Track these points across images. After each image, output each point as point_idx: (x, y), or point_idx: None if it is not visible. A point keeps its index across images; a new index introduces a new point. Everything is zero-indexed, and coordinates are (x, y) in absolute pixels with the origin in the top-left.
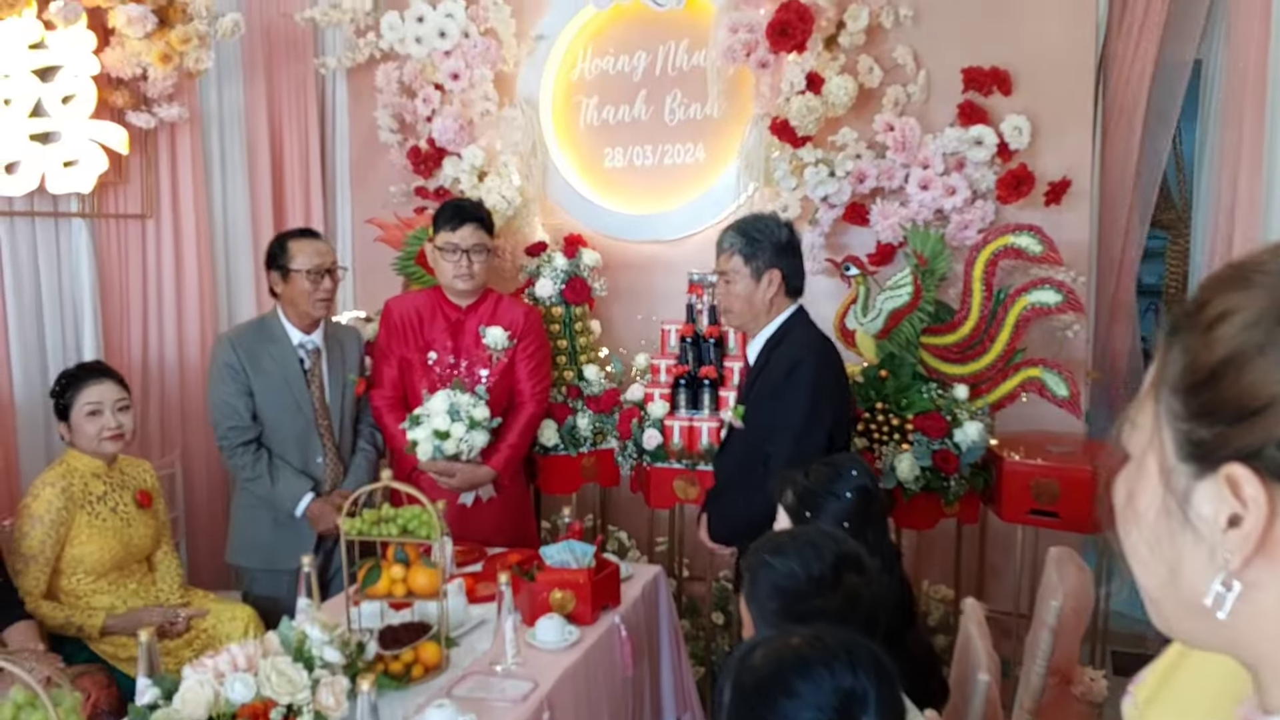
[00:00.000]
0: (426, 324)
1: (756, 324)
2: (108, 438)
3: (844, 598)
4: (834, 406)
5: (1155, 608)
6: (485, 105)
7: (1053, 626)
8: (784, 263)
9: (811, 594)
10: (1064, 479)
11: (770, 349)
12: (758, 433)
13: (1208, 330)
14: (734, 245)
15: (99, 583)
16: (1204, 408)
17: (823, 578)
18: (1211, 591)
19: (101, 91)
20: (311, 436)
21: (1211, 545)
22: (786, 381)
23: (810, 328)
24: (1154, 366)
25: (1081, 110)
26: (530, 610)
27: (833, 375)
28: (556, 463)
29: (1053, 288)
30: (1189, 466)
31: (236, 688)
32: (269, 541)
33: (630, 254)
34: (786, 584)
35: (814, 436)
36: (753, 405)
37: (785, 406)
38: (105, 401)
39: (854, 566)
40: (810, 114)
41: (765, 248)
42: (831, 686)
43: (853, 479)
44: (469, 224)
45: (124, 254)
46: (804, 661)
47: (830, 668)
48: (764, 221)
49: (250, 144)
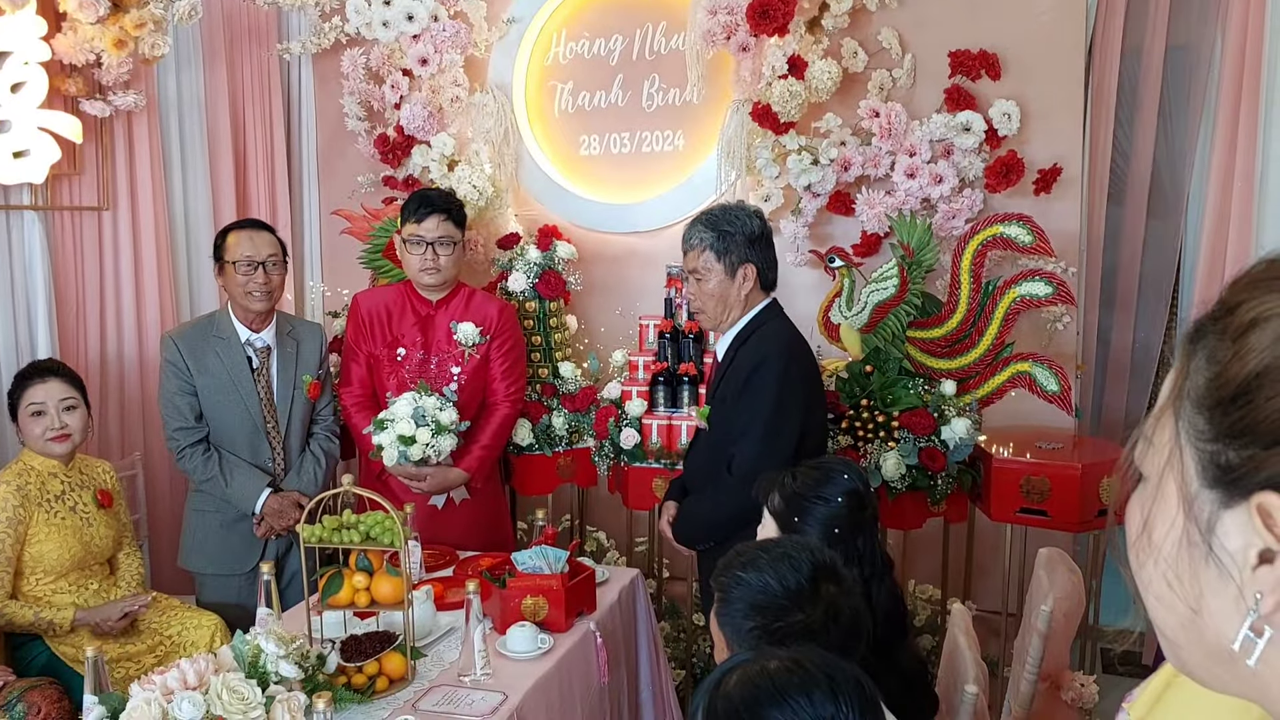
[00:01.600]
0: (395, 319)
1: (729, 320)
2: (51, 439)
3: (824, 610)
4: (803, 408)
5: (1173, 649)
6: (455, 91)
7: (1043, 632)
8: (758, 255)
9: (790, 608)
10: (1054, 476)
11: (739, 345)
12: (722, 435)
13: (1239, 337)
14: (704, 240)
15: (59, 583)
16: (1233, 427)
17: (800, 590)
18: (1240, 636)
19: (53, 79)
20: (259, 438)
21: (1240, 583)
22: (750, 381)
23: (782, 323)
24: (1173, 376)
25: (1072, 95)
26: (501, 618)
27: (801, 374)
28: (532, 463)
29: (1043, 279)
30: (1214, 493)
31: (184, 707)
32: (218, 545)
33: (606, 246)
34: (762, 600)
35: (779, 440)
36: (717, 406)
37: (749, 408)
38: (50, 401)
39: (831, 577)
40: (793, 99)
41: (738, 241)
42: (811, 715)
43: (843, 483)
44: (435, 215)
45: (79, 248)
46: (781, 689)
47: (809, 695)
48: (733, 213)
49: (211, 133)
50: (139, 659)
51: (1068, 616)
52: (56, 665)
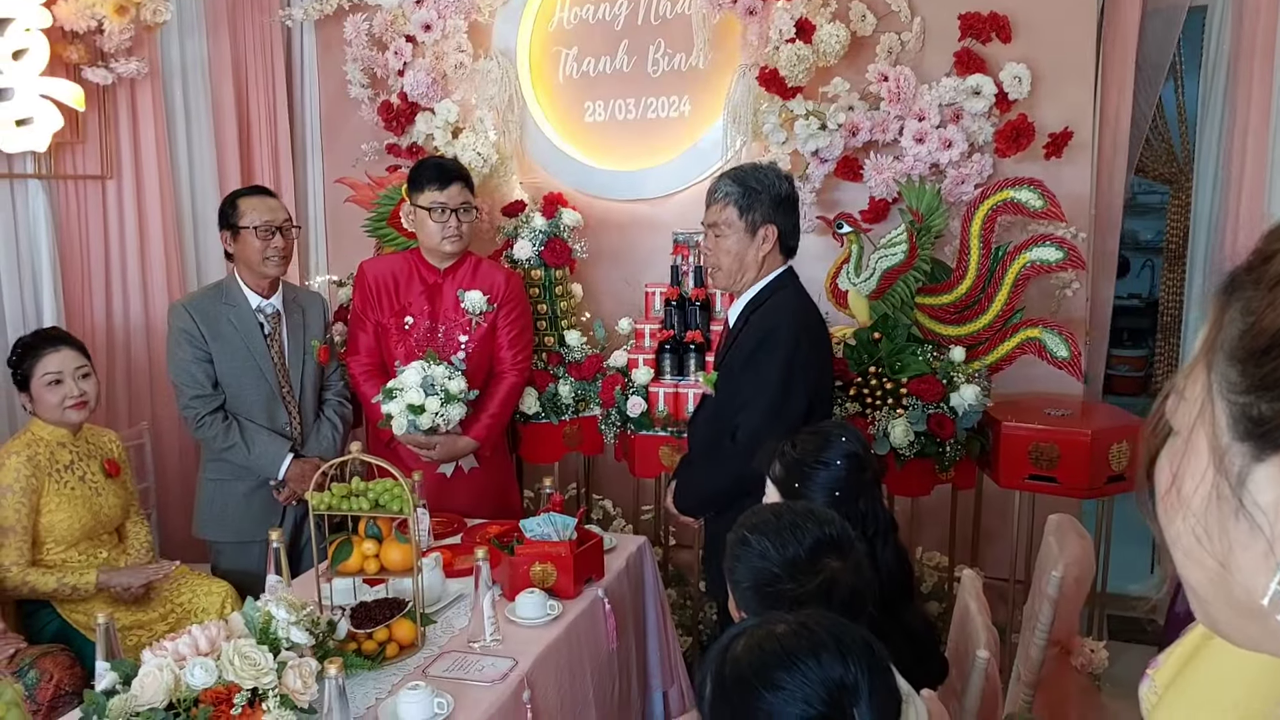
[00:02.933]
0: (403, 287)
1: (744, 283)
2: (71, 406)
3: (819, 584)
4: (812, 379)
5: (1201, 606)
6: (459, 57)
7: (1053, 598)
8: (781, 218)
9: (782, 577)
10: (1063, 443)
11: (751, 311)
12: (728, 403)
13: (1274, 287)
14: (729, 195)
15: (69, 552)
16: (1267, 379)
17: (796, 560)
18: (1270, 591)
19: (55, 46)
20: (275, 402)
21: (1271, 538)
22: (760, 349)
23: (797, 292)
24: (1206, 329)
25: (1083, 58)
26: (510, 585)
27: (812, 345)
28: (538, 431)
29: (1053, 244)
30: (1246, 446)
31: (196, 673)
32: (238, 513)
33: (612, 213)
34: (759, 564)
35: (788, 410)
36: (725, 372)
37: (757, 377)
38: (66, 370)
39: (835, 551)
40: (800, 63)
41: (763, 200)
42: (819, 678)
43: (842, 445)
44: (456, 183)
45: (84, 217)
46: (789, 652)
47: (818, 657)
48: (763, 172)
49: (215, 100)
50: (150, 626)
51: (1078, 582)
52: (68, 633)
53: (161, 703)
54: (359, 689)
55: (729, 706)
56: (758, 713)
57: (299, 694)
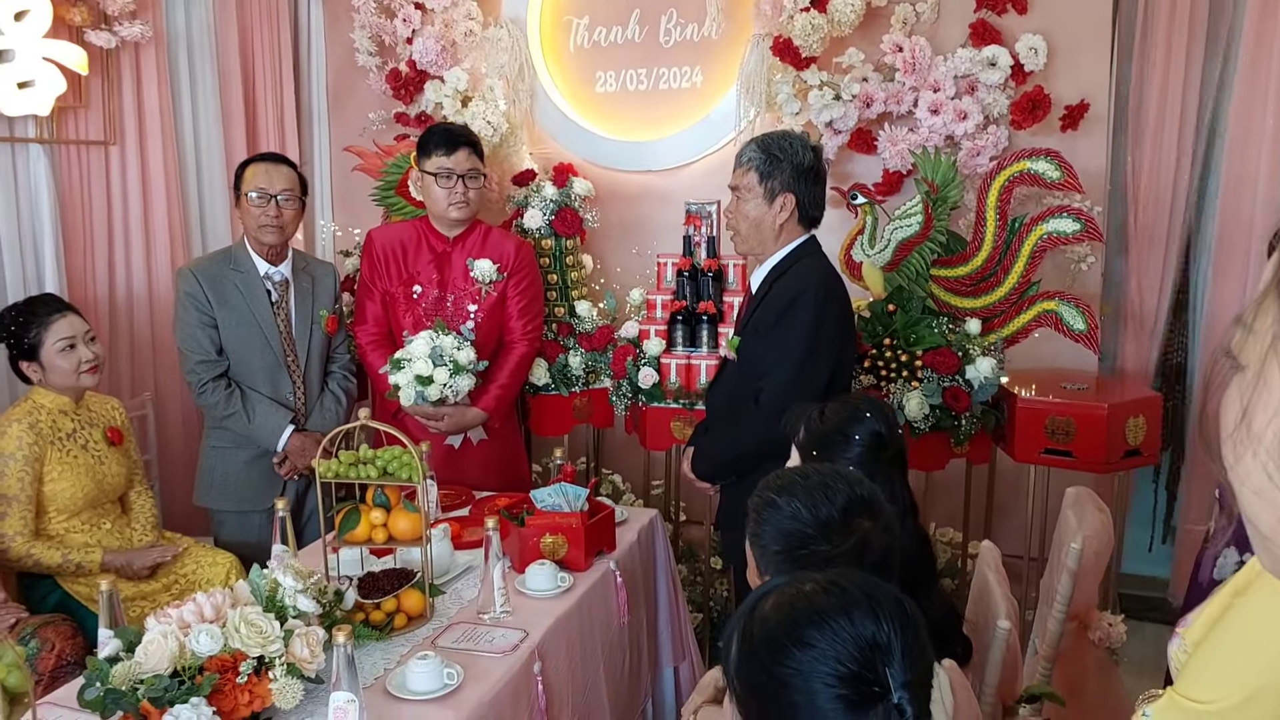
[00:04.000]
0: (411, 256)
1: (764, 250)
2: (86, 370)
3: (853, 544)
4: (837, 345)
5: (1267, 546)
6: (469, 25)
7: (1072, 570)
8: (802, 188)
9: (816, 538)
10: (1080, 417)
11: (775, 278)
12: (752, 367)
13: None
14: (752, 160)
15: (72, 521)
16: None
17: (830, 521)
18: None
19: (58, 8)
20: (280, 371)
21: None
22: (786, 314)
23: (820, 259)
24: (1275, 261)
25: (1099, 29)
26: (520, 556)
27: (838, 310)
28: (548, 403)
29: (1070, 216)
30: None
31: (202, 640)
32: (239, 482)
33: (623, 184)
34: (790, 526)
35: (813, 376)
36: (748, 337)
37: (783, 341)
38: (77, 334)
39: (866, 511)
40: (814, 33)
41: (784, 168)
42: (851, 635)
43: (865, 422)
44: (464, 148)
45: (86, 182)
46: (819, 610)
47: (849, 615)
48: (789, 140)
49: (221, 66)
50: (154, 597)
51: (1097, 555)
52: (69, 603)
53: (166, 670)
54: (366, 659)
55: (757, 664)
56: (787, 671)
57: (306, 663)
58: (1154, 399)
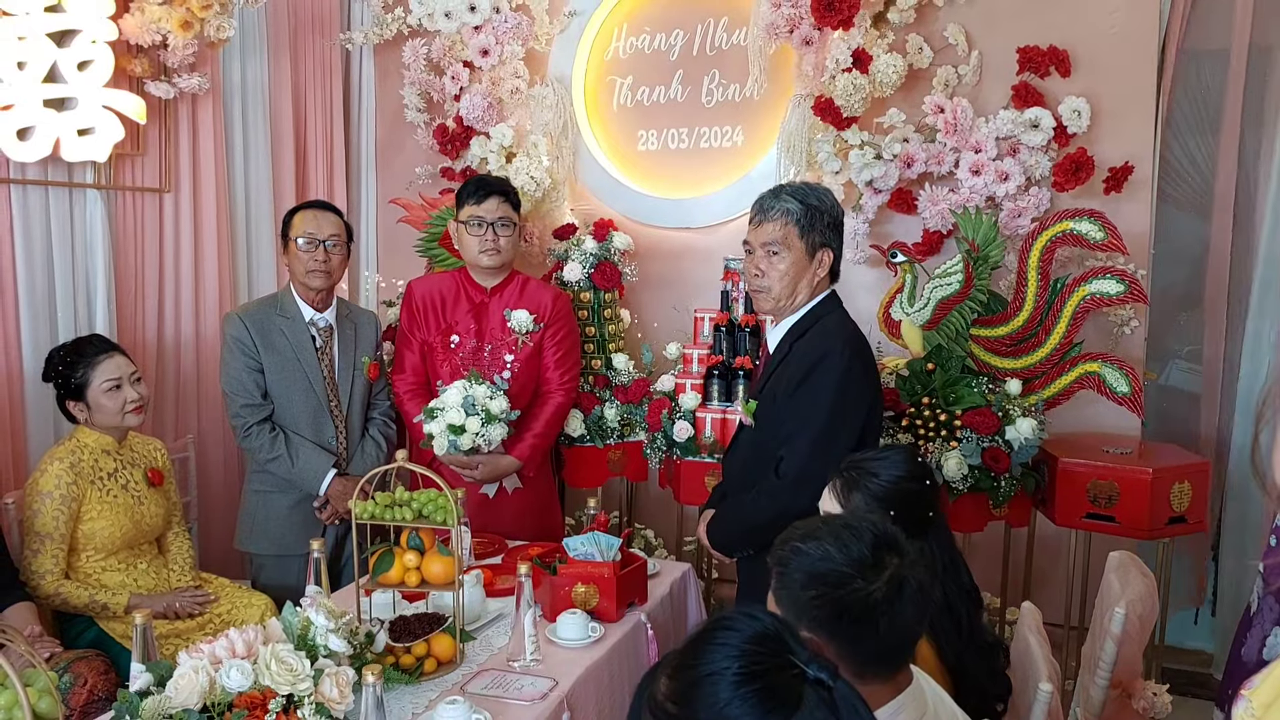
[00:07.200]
0: (449, 306)
1: (790, 308)
2: (131, 410)
3: (888, 581)
4: (864, 410)
5: None
6: (515, 83)
7: (1117, 635)
8: (836, 242)
9: (852, 576)
10: (1123, 480)
11: (795, 338)
12: (771, 433)
13: None
14: (790, 214)
15: (109, 560)
16: None
17: (862, 559)
18: None
19: (120, 59)
20: (323, 415)
21: None
22: (810, 376)
23: (844, 315)
24: None
25: (1144, 93)
26: (551, 605)
27: (864, 372)
28: (582, 454)
29: (1114, 277)
30: None
31: (233, 675)
32: (280, 526)
33: (662, 241)
34: (823, 568)
35: (838, 442)
36: (766, 400)
37: (807, 405)
38: (123, 375)
39: (893, 548)
40: (856, 93)
41: (824, 221)
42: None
43: (895, 482)
44: (495, 196)
45: (140, 228)
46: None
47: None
48: (820, 191)
49: (274, 119)
50: (187, 635)
51: (1142, 620)
52: (104, 640)
53: (196, 705)
54: (395, 703)
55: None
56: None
57: (335, 703)
58: (1201, 464)
